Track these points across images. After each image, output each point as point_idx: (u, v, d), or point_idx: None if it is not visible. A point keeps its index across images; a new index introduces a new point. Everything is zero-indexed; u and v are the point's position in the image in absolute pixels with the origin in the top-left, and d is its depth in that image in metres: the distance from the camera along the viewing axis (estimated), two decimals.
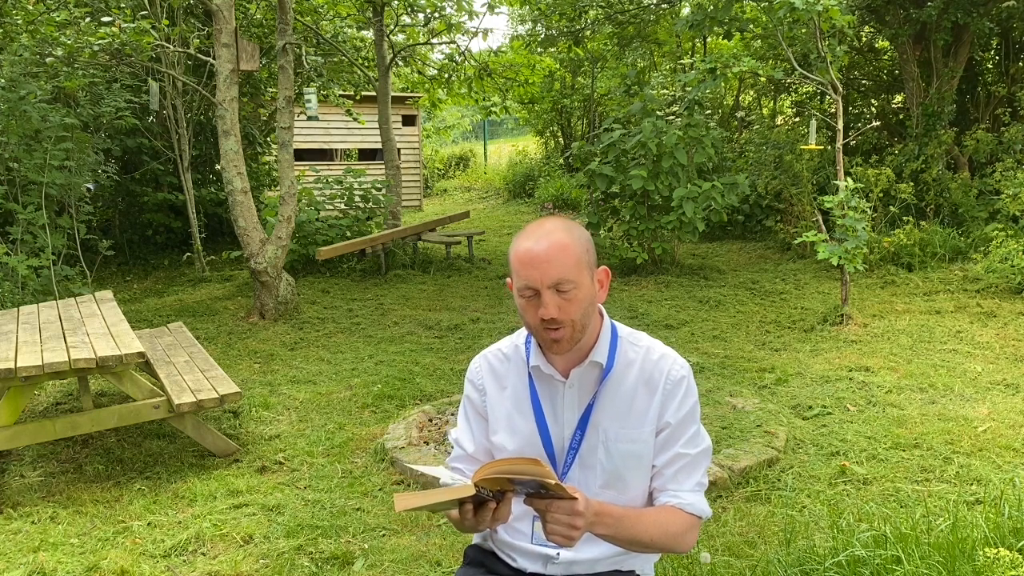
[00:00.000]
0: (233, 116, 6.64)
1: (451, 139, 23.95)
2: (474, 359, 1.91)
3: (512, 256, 1.67)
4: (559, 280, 1.60)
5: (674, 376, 1.74)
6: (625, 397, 1.74)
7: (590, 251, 1.69)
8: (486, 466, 1.49)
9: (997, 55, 10.61)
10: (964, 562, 2.39)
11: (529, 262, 1.62)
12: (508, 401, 1.81)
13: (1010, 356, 5.25)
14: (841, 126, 6.12)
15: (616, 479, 1.74)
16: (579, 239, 1.67)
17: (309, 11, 10.37)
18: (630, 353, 1.77)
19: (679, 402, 1.73)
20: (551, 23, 12.71)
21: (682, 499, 1.73)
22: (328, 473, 3.83)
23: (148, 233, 10.25)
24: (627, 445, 1.73)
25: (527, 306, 1.65)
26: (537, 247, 1.62)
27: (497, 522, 1.58)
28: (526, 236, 1.66)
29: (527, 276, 1.62)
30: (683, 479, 1.74)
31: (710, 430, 4.00)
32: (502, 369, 1.84)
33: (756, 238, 10.19)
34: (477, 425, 1.86)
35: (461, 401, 1.92)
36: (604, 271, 1.73)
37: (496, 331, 6.40)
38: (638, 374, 1.74)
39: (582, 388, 1.75)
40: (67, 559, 3.03)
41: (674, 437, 1.74)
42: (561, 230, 1.65)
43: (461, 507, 1.55)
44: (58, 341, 3.80)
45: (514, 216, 14.50)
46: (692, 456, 1.74)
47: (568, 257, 1.62)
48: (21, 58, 7.07)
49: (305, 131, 14.26)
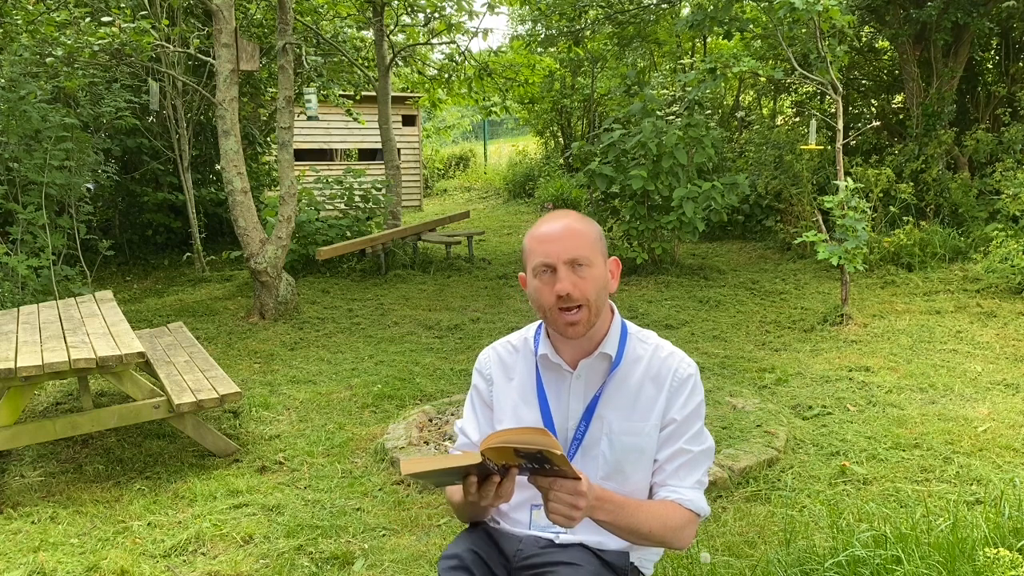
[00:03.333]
0: (233, 116, 6.64)
1: (451, 139, 23.94)
2: (483, 350, 1.94)
3: (528, 240, 1.73)
4: (575, 256, 1.66)
5: (681, 373, 1.76)
6: (631, 391, 1.75)
7: (602, 240, 1.76)
8: (493, 435, 1.49)
9: (997, 55, 10.60)
10: (964, 562, 2.38)
11: (547, 238, 1.68)
12: (515, 392, 1.82)
13: (1010, 356, 5.25)
14: (841, 126, 6.12)
15: (617, 471, 1.75)
16: (593, 227, 1.74)
17: (309, 11, 10.37)
18: (638, 349, 1.79)
19: (685, 399, 1.75)
20: (551, 23, 12.71)
21: (682, 495, 1.74)
22: (328, 473, 3.83)
23: (148, 233, 10.25)
24: (630, 438, 1.74)
25: (542, 286, 1.69)
26: (554, 227, 1.70)
27: (500, 499, 1.57)
28: (540, 223, 1.74)
29: (544, 252, 1.67)
30: (684, 475, 1.75)
31: (710, 430, 4.01)
32: (510, 360, 1.86)
33: (756, 238, 10.19)
34: (483, 414, 1.88)
35: (469, 391, 1.94)
36: (615, 261, 1.78)
37: (496, 331, 6.40)
38: (645, 370, 1.76)
39: (589, 379, 1.77)
40: (67, 559, 3.03)
41: (678, 433, 1.75)
42: (576, 218, 1.73)
43: (466, 480, 1.55)
44: (58, 341, 3.80)
45: (514, 216, 14.50)
46: (694, 454, 1.76)
47: (583, 238, 1.69)
48: (21, 58, 7.07)
49: (305, 131, 14.26)
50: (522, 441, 1.45)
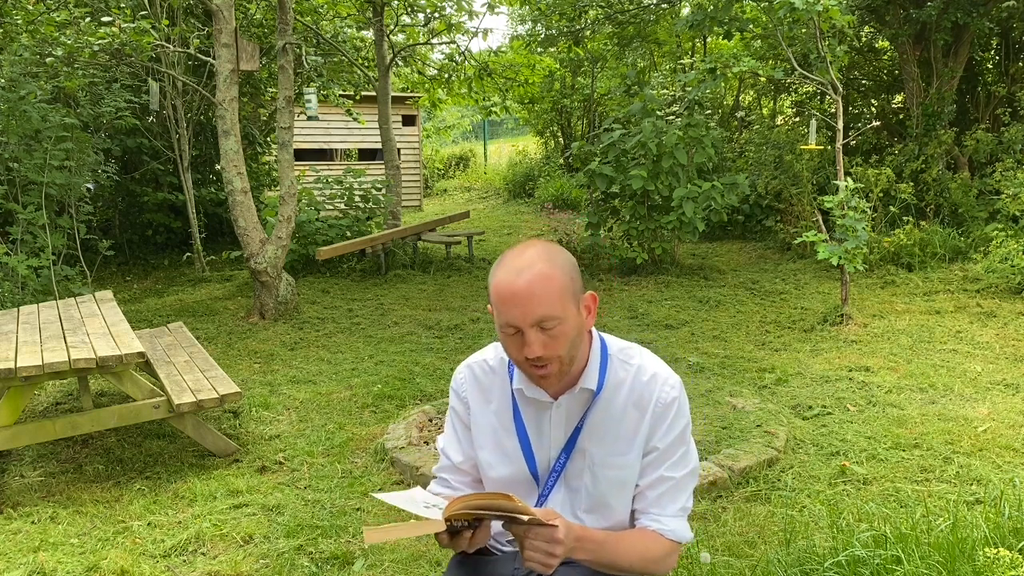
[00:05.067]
0: (233, 116, 6.64)
1: (451, 139, 23.93)
2: (459, 368, 1.83)
3: (492, 290, 1.57)
4: (542, 318, 1.52)
5: (664, 399, 1.68)
6: (614, 419, 1.69)
7: (575, 279, 1.59)
8: (458, 500, 1.46)
9: (997, 55, 10.60)
10: (964, 562, 2.38)
11: (510, 299, 1.53)
12: (493, 416, 1.75)
13: (1010, 356, 5.25)
14: (841, 126, 6.12)
15: (601, 504, 1.71)
16: (562, 267, 1.57)
17: (309, 11, 10.37)
18: (620, 372, 1.70)
19: (668, 425, 1.68)
20: (551, 23, 12.71)
21: (663, 524, 1.69)
22: (328, 473, 3.83)
23: (148, 233, 10.25)
24: (614, 472, 1.69)
25: (510, 343, 1.59)
26: (518, 282, 1.52)
27: (475, 546, 1.55)
28: (506, 267, 1.56)
29: (508, 315, 1.54)
30: (666, 503, 1.70)
31: (710, 430, 4.02)
32: (487, 382, 1.77)
33: (756, 238, 10.19)
34: (463, 435, 1.81)
35: (448, 410, 1.86)
36: (591, 297, 1.64)
37: (496, 331, 6.39)
38: (627, 395, 1.69)
39: (570, 410, 1.70)
40: (67, 559, 3.03)
41: (659, 460, 1.69)
42: (542, 260, 1.55)
43: (437, 535, 1.51)
44: (58, 341, 3.80)
45: (514, 216, 14.50)
46: (677, 480, 1.70)
47: (551, 291, 1.52)
48: (21, 58, 7.07)
49: (305, 131, 14.26)
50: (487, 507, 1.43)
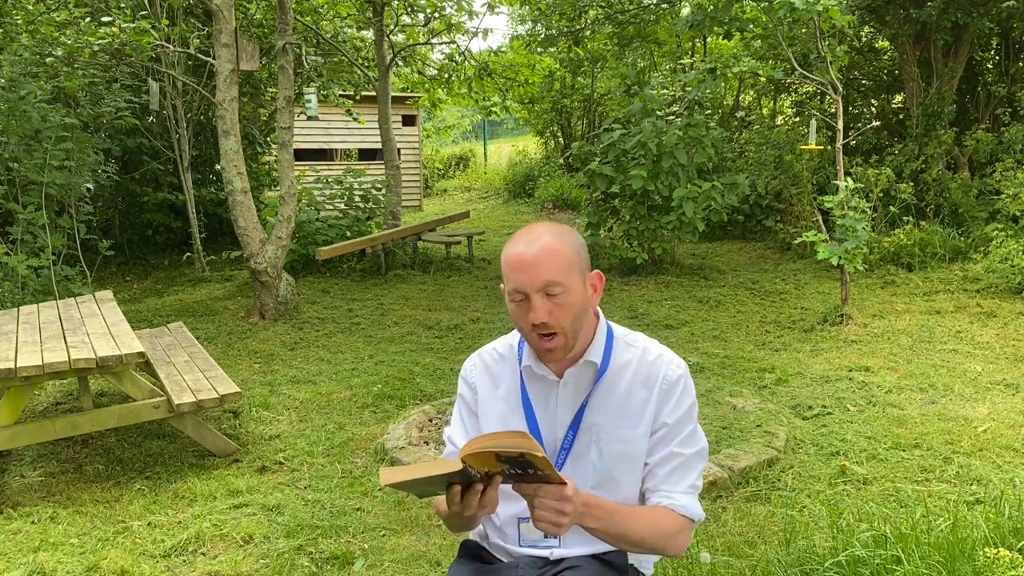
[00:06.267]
0: (233, 116, 6.64)
1: (451, 139, 23.93)
2: (469, 357, 1.90)
3: (503, 260, 1.66)
4: (548, 283, 1.59)
5: (670, 376, 1.71)
6: (620, 397, 1.72)
7: (582, 255, 1.67)
8: (473, 441, 1.46)
9: (997, 55, 10.60)
10: (964, 562, 2.38)
11: (518, 266, 1.61)
12: (501, 401, 1.79)
13: (1010, 356, 5.25)
14: (841, 126, 6.12)
15: (608, 479, 1.72)
16: (570, 243, 1.65)
17: (309, 11, 10.37)
18: (626, 353, 1.74)
19: (675, 402, 1.71)
20: (551, 23, 12.71)
21: (675, 500, 1.69)
22: (328, 473, 3.83)
23: (148, 233, 10.25)
24: (620, 446, 1.71)
25: (518, 311, 1.64)
26: (527, 251, 1.61)
27: (484, 509, 1.54)
28: (516, 240, 1.65)
29: (516, 280, 1.61)
30: (677, 480, 1.71)
31: (710, 430, 4.02)
32: (496, 368, 1.82)
33: (756, 238, 10.19)
34: (470, 423, 1.84)
35: (456, 398, 1.91)
36: (597, 275, 1.72)
37: (496, 331, 6.40)
38: (633, 374, 1.72)
39: (576, 387, 1.73)
40: (67, 559, 3.03)
41: (669, 436, 1.71)
42: (551, 234, 1.64)
43: (449, 489, 1.52)
44: (58, 341, 3.80)
45: (514, 216, 14.49)
46: (687, 456, 1.71)
47: (558, 261, 1.61)
48: (21, 58, 7.07)
49: (305, 131, 14.25)
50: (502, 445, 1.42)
